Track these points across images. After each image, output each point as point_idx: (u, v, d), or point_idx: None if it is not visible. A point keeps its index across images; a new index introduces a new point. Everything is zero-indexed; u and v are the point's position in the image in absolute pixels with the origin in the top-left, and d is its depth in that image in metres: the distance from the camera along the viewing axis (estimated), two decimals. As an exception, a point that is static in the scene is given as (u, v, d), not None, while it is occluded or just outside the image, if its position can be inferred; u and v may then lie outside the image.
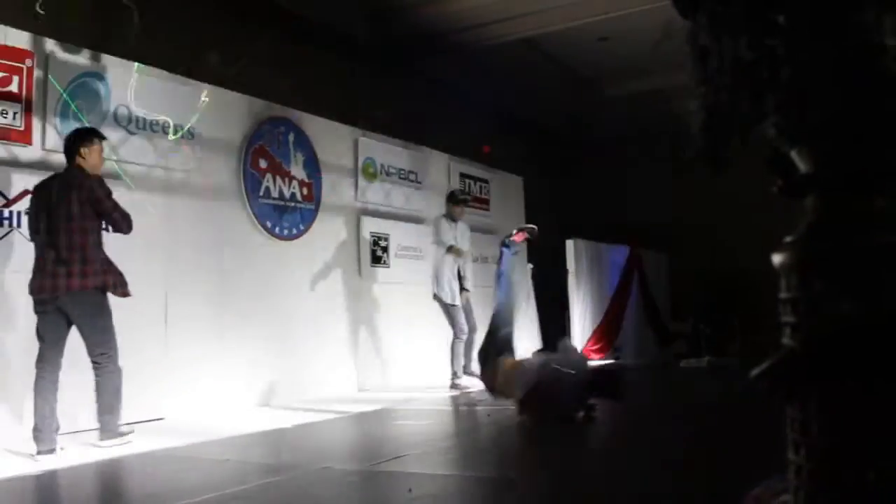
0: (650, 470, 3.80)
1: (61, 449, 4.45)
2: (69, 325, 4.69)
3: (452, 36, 9.06)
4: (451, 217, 8.24)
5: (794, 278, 1.47)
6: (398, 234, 9.07)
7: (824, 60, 1.39)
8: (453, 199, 8.41)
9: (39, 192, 4.78)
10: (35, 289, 4.62)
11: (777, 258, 1.51)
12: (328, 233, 8.04)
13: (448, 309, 8.00)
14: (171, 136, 6.32)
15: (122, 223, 4.81)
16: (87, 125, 5.41)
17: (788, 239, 1.51)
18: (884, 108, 1.39)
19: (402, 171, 9.29)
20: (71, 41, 5.87)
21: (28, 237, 4.98)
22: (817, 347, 1.41)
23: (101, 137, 5.03)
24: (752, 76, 1.47)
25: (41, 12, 5.73)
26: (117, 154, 5.99)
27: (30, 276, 4.68)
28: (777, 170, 1.55)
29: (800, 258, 1.47)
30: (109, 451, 4.57)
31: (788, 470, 1.50)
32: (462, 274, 8.19)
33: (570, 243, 11.02)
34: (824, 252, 1.43)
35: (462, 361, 7.94)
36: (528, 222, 11.77)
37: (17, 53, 5.41)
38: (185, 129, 6.47)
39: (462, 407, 6.67)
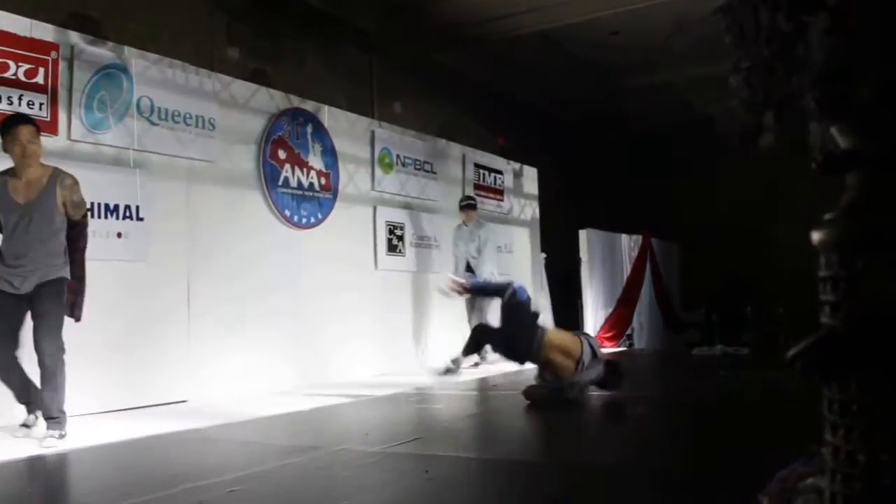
0: (671, 455, 3.88)
1: None
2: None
3: (468, 29, 9.11)
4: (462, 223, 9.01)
5: (835, 256, 1.42)
6: (414, 224, 9.18)
7: (871, 32, 1.35)
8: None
9: None
10: None
11: (816, 236, 1.46)
12: (345, 222, 8.14)
13: None
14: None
15: None
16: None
17: (829, 216, 1.46)
18: None
19: (418, 162, 9.38)
20: (95, 34, 6.00)
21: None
22: (859, 326, 1.36)
23: (15, 123, 4.57)
24: (789, 47, 1.44)
25: None
26: (140, 144, 6.14)
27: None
28: (815, 146, 1.51)
29: (841, 235, 1.42)
30: (134, 432, 4.71)
31: (824, 451, 1.46)
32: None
33: (582, 233, 11.09)
34: (867, 229, 1.39)
35: None
36: (542, 212, 11.92)
37: (42, 46, 5.52)
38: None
39: (476, 391, 6.77)
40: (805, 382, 1.47)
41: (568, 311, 10.86)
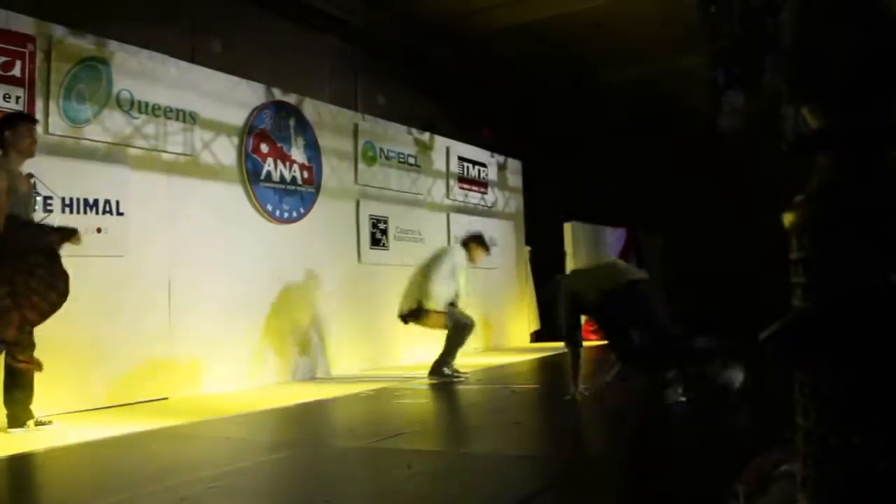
0: (651, 446, 3.89)
1: None
2: None
3: (452, 21, 9.09)
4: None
5: (806, 238, 1.40)
6: (397, 217, 9.15)
7: (842, 10, 1.33)
8: (480, 241, 7.51)
9: None
10: None
11: (788, 217, 1.43)
12: (328, 216, 8.11)
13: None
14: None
15: None
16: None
17: (800, 197, 1.43)
18: None
19: (402, 155, 9.35)
20: (73, 26, 5.92)
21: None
22: (832, 308, 1.34)
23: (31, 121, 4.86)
24: (758, 22, 1.42)
25: None
26: (120, 137, 6.06)
27: None
28: (786, 128, 1.48)
29: (813, 216, 1.39)
30: (116, 429, 4.67)
31: (796, 436, 1.43)
32: None
33: (567, 226, 11.10)
34: (839, 209, 1.35)
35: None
36: (526, 205, 11.93)
37: (19, 38, 5.45)
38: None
39: (459, 386, 6.76)
40: (781, 368, 1.45)
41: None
